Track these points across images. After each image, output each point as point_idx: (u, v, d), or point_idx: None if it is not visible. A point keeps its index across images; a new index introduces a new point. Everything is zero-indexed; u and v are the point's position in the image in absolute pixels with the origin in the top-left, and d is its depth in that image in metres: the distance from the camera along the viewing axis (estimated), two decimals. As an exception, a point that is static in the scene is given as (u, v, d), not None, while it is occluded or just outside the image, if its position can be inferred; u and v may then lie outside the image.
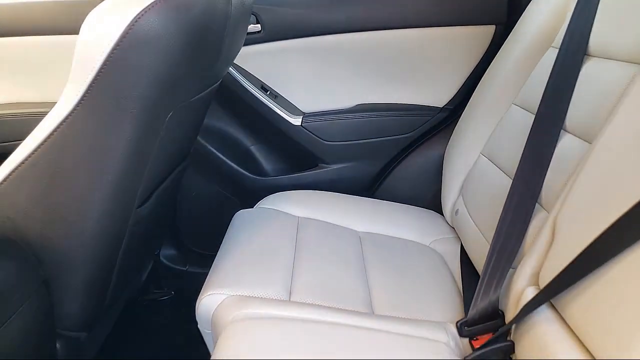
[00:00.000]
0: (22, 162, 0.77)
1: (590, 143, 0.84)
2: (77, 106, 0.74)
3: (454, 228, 1.27)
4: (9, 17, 1.36)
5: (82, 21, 1.39)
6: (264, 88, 1.43)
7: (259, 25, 1.35)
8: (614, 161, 0.71)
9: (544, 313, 0.74)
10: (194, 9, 0.75)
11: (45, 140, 0.76)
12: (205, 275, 1.00)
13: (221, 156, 1.49)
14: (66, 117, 0.74)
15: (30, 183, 0.77)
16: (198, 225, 1.56)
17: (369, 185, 1.51)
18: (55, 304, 0.81)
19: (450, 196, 1.29)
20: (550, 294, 0.71)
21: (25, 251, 0.76)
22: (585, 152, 0.83)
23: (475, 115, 1.28)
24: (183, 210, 1.52)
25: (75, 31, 1.37)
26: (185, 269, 1.54)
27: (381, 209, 1.35)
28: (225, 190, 1.54)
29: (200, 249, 1.58)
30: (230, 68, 1.40)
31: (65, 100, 0.75)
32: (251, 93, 1.42)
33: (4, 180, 0.77)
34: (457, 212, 1.24)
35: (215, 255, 1.07)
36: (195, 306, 0.94)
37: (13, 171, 0.77)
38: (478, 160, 1.22)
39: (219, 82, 1.10)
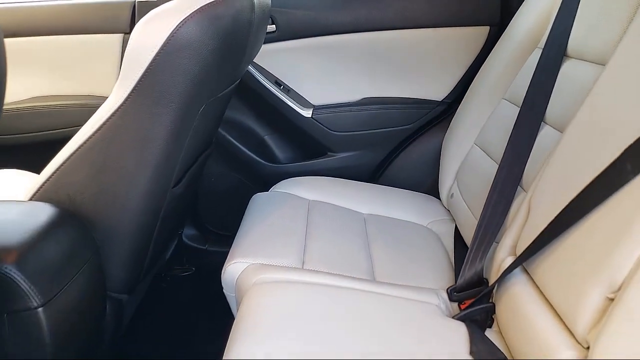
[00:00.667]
0: (80, 147, 0.91)
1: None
2: (126, 100, 0.88)
3: (449, 211, 1.40)
4: (44, 19, 1.50)
5: (112, 22, 1.53)
6: (277, 83, 1.57)
7: (274, 25, 1.49)
8: (576, 148, 0.84)
9: (518, 277, 0.88)
10: (224, 19, 0.88)
11: (99, 129, 0.90)
12: (223, 253, 1.13)
13: (238, 145, 1.63)
14: (117, 109, 0.88)
15: (86, 165, 0.91)
16: (217, 208, 1.70)
17: (373, 172, 1.65)
18: (105, 268, 0.95)
19: (446, 182, 1.42)
20: (523, 259, 0.85)
21: (83, 223, 0.90)
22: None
23: (470, 109, 1.41)
24: (203, 194, 1.66)
25: (104, 31, 1.52)
26: (204, 247, 1.68)
27: (384, 193, 1.48)
28: (241, 176, 1.68)
29: (219, 230, 1.72)
30: (247, 65, 1.54)
31: (116, 94, 0.89)
32: (266, 87, 1.56)
33: (64, 162, 0.91)
34: (452, 195, 1.38)
35: (232, 236, 1.20)
36: (213, 280, 1.08)
37: (72, 154, 0.91)
38: (471, 150, 1.35)
39: (239, 79, 1.24)
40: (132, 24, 1.50)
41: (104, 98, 1.57)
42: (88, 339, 0.93)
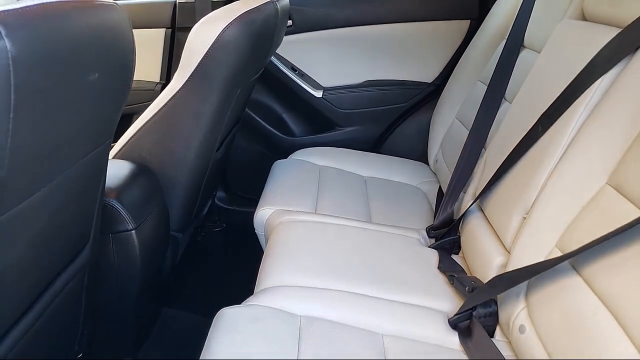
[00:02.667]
0: (149, 120, 1.21)
1: (513, 107, 1.27)
2: (184, 85, 1.18)
3: (435, 173, 1.70)
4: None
5: (156, 18, 1.82)
6: (293, 68, 1.87)
7: (290, 21, 1.79)
8: (516, 116, 1.14)
9: (475, 213, 1.18)
10: (256, 23, 1.18)
11: (163, 106, 1.20)
12: (248, 212, 1.43)
13: (261, 121, 1.94)
14: (176, 92, 1.18)
15: (154, 133, 1.22)
16: (242, 175, 2.01)
17: (374, 143, 1.95)
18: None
19: (433, 150, 1.73)
20: (477, 198, 1.16)
21: (154, 174, 1.21)
22: (509, 113, 1.26)
23: (453, 90, 1.71)
24: (232, 163, 1.96)
25: (150, 26, 1.83)
26: (233, 208, 2.00)
27: (382, 160, 1.78)
28: (262, 147, 1.99)
29: (244, 193, 2.04)
30: (269, 55, 1.84)
31: (176, 80, 1.19)
32: (284, 72, 1.86)
33: (137, 131, 1.22)
34: (437, 161, 1.68)
35: (256, 198, 1.48)
36: (240, 233, 1.38)
37: (143, 125, 1.22)
38: (453, 123, 1.64)
39: (264, 67, 1.54)
40: (173, 20, 1.81)
41: (151, 82, 1.90)
42: (158, 263, 1.25)
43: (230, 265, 1.78)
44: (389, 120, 1.92)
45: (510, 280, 0.87)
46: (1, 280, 0.63)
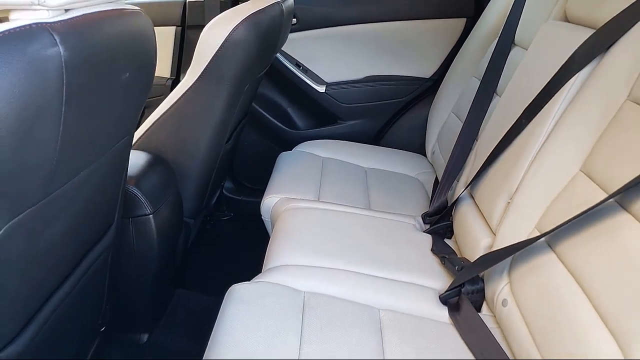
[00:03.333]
0: (163, 114, 1.31)
1: (503, 101, 1.36)
2: (196, 81, 1.27)
3: (432, 165, 1.79)
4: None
5: (166, 17, 1.91)
6: (298, 64, 1.96)
7: (295, 19, 1.88)
8: (504, 110, 1.23)
9: (466, 200, 1.27)
10: (263, 23, 1.27)
11: (177, 101, 1.29)
12: (255, 202, 1.52)
13: (266, 115, 2.03)
14: (189, 87, 1.28)
15: (168, 125, 1.31)
16: (249, 166, 2.10)
17: (374, 136, 2.04)
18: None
19: (430, 142, 1.81)
20: (468, 185, 1.25)
21: (168, 163, 1.31)
22: (499, 107, 1.34)
23: (449, 85, 1.80)
24: (239, 155, 2.06)
25: (161, 24, 1.92)
26: (240, 198, 2.10)
27: (382, 152, 1.87)
28: (268, 140, 2.08)
29: (250, 184, 2.13)
30: (274, 52, 1.92)
31: (189, 77, 1.29)
32: (289, 68, 1.95)
33: (153, 124, 1.32)
34: (434, 153, 1.77)
35: (261, 189, 1.57)
36: (247, 223, 1.48)
37: (158, 119, 1.31)
38: (449, 117, 1.73)
39: (270, 64, 1.63)
40: (183, 18, 1.90)
41: (162, 78, 1.98)
42: (173, 246, 1.35)
43: (239, 251, 1.88)
44: (389, 114, 2.01)
45: (493, 258, 0.96)
46: (44, 254, 0.72)
